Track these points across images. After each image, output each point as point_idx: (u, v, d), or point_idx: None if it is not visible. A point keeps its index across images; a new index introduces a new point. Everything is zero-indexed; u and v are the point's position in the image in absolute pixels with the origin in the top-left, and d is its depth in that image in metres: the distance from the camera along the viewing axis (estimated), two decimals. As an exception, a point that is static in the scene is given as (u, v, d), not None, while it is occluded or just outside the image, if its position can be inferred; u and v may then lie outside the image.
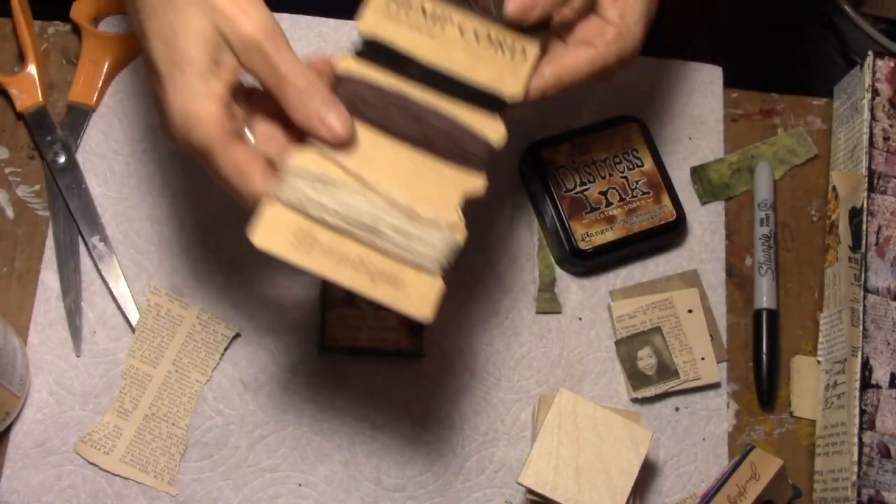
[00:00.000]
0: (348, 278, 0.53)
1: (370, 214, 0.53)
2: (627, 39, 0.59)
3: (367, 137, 0.55)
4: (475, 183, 0.56)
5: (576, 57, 0.58)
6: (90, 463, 0.65)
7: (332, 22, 0.75)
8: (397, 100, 0.55)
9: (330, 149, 0.53)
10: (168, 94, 0.52)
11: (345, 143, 0.55)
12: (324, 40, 0.75)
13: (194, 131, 0.52)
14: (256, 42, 0.52)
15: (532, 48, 0.58)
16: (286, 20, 0.74)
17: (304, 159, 0.53)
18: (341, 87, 0.55)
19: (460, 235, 0.55)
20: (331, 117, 0.54)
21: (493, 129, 0.56)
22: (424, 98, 0.56)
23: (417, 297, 0.53)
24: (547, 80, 0.58)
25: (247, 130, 0.55)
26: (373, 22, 0.56)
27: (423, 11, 0.57)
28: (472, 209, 0.73)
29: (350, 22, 0.75)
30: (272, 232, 0.52)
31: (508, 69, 0.57)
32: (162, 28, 0.52)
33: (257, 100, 0.55)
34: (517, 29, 0.57)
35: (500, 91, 0.57)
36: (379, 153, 0.55)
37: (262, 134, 0.55)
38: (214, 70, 0.52)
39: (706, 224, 0.74)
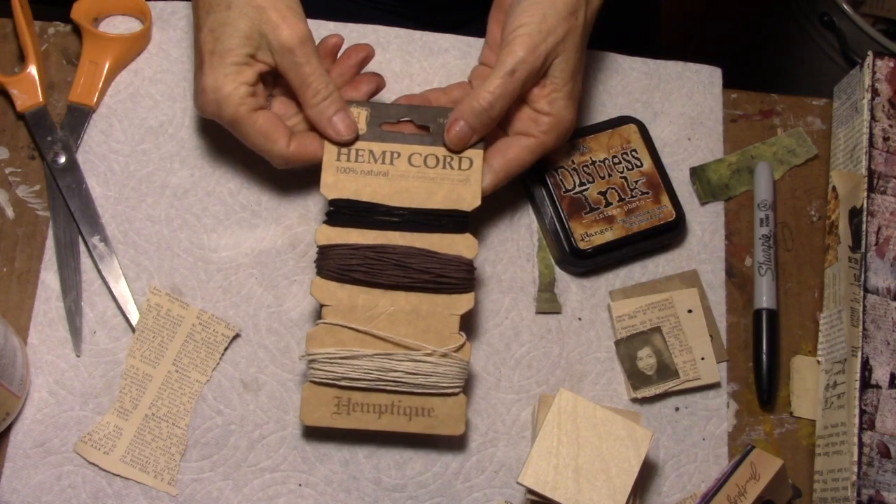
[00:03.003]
0: (388, 424, 0.63)
1: (389, 369, 0.62)
2: (562, 126, 0.65)
3: (364, 296, 0.63)
4: (466, 302, 0.63)
5: (519, 147, 0.65)
6: (90, 463, 0.65)
7: (331, 24, 0.75)
8: (374, 254, 0.63)
9: (337, 318, 0.62)
10: (205, 75, 0.63)
11: (347, 143, 0.65)
12: (324, 40, 0.75)
13: (225, 106, 0.63)
14: (290, 48, 0.63)
15: (476, 156, 0.65)
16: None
17: (320, 342, 0.62)
18: (325, 256, 0.63)
19: (466, 353, 0.63)
20: (338, 121, 0.65)
21: (465, 247, 0.64)
22: (400, 241, 0.63)
23: (449, 418, 0.63)
24: (497, 173, 0.65)
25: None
26: (332, 183, 0.64)
27: (372, 154, 0.65)
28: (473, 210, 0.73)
29: (350, 24, 0.75)
30: (315, 409, 0.62)
31: (461, 182, 0.65)
32: (213, 21, 0.63)
33: (281, 80, 0.66)
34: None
35: (460, 209, 0.64)
36: (378, 307, 0.63)
37: (278, 110, 0.67)
38: (249, 61, 0.63)
39: (706, 224, 0.74)
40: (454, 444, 0.68)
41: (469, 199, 0.64)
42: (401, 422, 0.62)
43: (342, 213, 0.64)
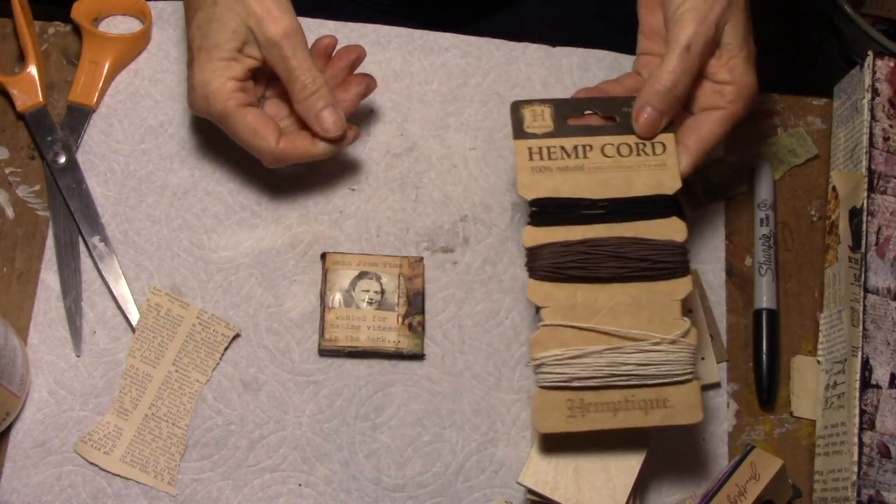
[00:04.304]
0: (624, 420, 0.60)
1: (620, 363, 0.60)
2: (746, 90, 0.64)
3: (581, 292, 0.61)
4: (684, 286, 0.61)
5: (710, 123, 0.63)
6: (90, 463, 0.65)
7: (331, 24, 0.75)
8: (586, 248, 0.61)
9: (557, 318, 0.60)
10: (195, 71, 0.63)
11: (335, 140, 0.66)
12: (324, 40, 0.75)
13: (213, 102, 0.63)
14: (276, 41, 0.62)
15: (668, 140, 0.63)
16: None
17: (545, 345, 0.60)
18: (536, 258, 0.61)
19: (693, 338, 0.61)
20: (326, 116, 0.65)
21: (675, 231, 0.62)
22: (608, 233, 0.61)
23: (685, 407, 0.60)
24: (694, 153, 0.63)
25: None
26: (529, 183, 0.62)
27: (564, 150, 0.63)
28: (473, 210, 0.73)
29: (350, 24, 0.75)
30: (550, 416, 0.60)
31: (658, 167, 0.63)
32: (200, 18, 0.63)
33: (275, 83, 0.67)
34: None
35: (663, 193, 0.62)
36: (598, 301, 0.61)
37: (270, 111, 0.68)
38: (237, 56, 0.63)
39: (706, 224, 0.74)
40: (454, 443, 0.68)
41: (669, 183, 0.62)
42: (637, 417, 0.60)
43: (545, 212, 0.62)
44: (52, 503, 0.64)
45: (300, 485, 0.66)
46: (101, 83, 0.71)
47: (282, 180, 0.71)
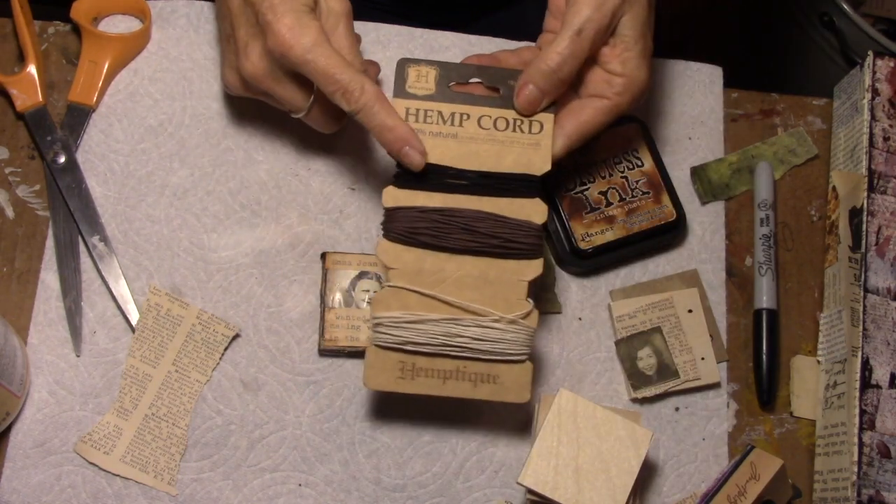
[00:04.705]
0: (452, 390, 0.61)
1: (455, 334, 0.60)
2: (635, 84, 0.63)
3: (431, 259, 0.61)
4: (534, 268, 0.62)
5: (592, 110, 0.63)
6: (90, 463, 0.65)
7: (332, 22, 0.75)
8: (442, 217, 0.61)
9: (402, 282, 0.61)
10: (281, 15, 0.60)
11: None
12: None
13: (307, 30, 0.60)
14: (341, 15, 0.64)
15: (547, 120, 0.63)
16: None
17: (386, 305, 0.60)
18: (392, 219, 0.61)
19: (534, 321, 0.61)
20: (372, 78, 0.66)
21: (535, 212, 0.62)
22: (468, 205, 0.62)
23: (515, 386, 0.61)
24: (570, 137, 0.63)
25: None
26: None
27: (441, 115, 0.63)
28: (472, 209, 0.73)
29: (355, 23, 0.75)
30: (380, 373, 0.61)
31: (531, 146, 0.63)
32: None
33: None
34: None
35: (530, 173, 0.62)
36: (445, 271, 0.61)
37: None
38: (311, 13, 0.62)
39: (706, 224, 0.74)
40: (454, 443, 0.68)
41: (539, 164, 0.62)
42: (465, 388, 0.61)
43: (410, 174, 0.62)
44: (52, 503, 0.64)
45: (300, 485, 0.66)
46: (100, 83, 0.71)
47: (282, 180, 0.71)
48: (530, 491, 0.62)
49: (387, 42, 0.76)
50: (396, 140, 0.62)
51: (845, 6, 1.14)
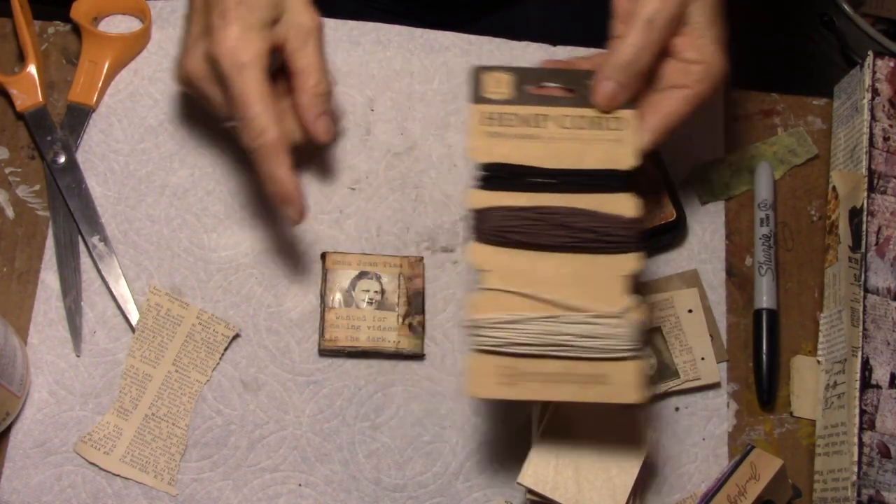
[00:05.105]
0: (559, 393, 0.57)
1: (557, 333, 0.57)
2: (714, 70, 0.62)
3: (525, 258, 0.59)
4: (632, 262, 0.59)
5: (674, 100, 0.62)
6: (90, 463, 0.65)
7: (332, 22, 0.75)
8: (534, 214, 0.59)
9: (497, 283, 0.58)
10: (230, 23, 0.60)
11: (323, 144, 0.67)
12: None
13: (249, 45, 0.60)
14: (311, 31, 0.63)
15: (628, 115, 0.61)
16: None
17: (483, 308, 0.57)
18: (481, 220, 0.59)
19: (638, 315, 0.58)
20: (325, 121, 0.66)
21: (626, 206, 0.60)
22: (556, 203, 0.59)
23: (624, 385, 0.57)
24: (656, 130, 0.62)
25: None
26: (480, 147, 0.60)
27: (519, 117, 0.61)
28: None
29: (350, 22, 0.75)
30: (481, 380, 0.57)
31: (615, 142, 0.61)
32: None
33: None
34: None
35: (617, 168, 0.60)
36: (541, 269, 0.59)
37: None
38: (268, 29, 0.61)
39: (706, 224, 0.74)
40: (454, 443, 0.68)
41: (625, 159, 0.60)
42: (573, 391, 0.57)
43: (495, 176, 0.60)
44: (52, 503, 0.64)
45: (300, 485, 0.66)
46: (100, 83, 0.71)
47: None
48: (530, 491, 0.62)
49: (387, 42, 0.76)
50: (279, 194, 0.62)
51: (845, 6, 1.14)
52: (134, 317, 0.67)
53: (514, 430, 0.68)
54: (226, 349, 0.68)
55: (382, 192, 0.72)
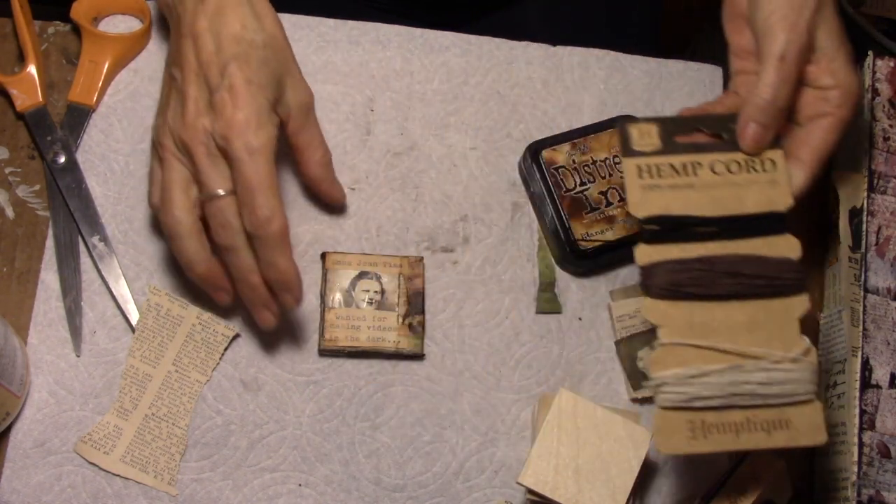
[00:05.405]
0: (747, 442, 0.58)
1: (741, 381, 0.58)
2: (851, 92, 0.62)
3: (700, 309, 0.59)
4: (801, 304, 0.60)
5: (820, 131, 0.62)
6: (90, 463, 0.65)
7: (331, 22, 0.75)
8: (703, 266, 0.60)
9: (675, 337, 0.59)
10: (244, 104, 0.58)
11: (339, 208, 0.70)
12: (324, 40, 0.75)
13: (261, 131, 0.58)
14: (311, 106, 0.65)
15: (777, 156, 0.62)
16: (286, 21, 0.74)
17: (665, 364, 0.58)
18: (650, 276, 0.60)
19: (814, 356, 0.59)
20: (339, 186, 0.69)
21: (789, 248, 0.61)
22: (722, 251, 0.61)
23: (809, 427, 0.59)
24: (810, 165, 0.62)
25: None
26: (640, 202, 0.61)
27: (673, 167, 0.62)
28: (473, 209, 0.73)
29: (350, 22, 0.75)
30: (671, 436, 0.58)
31: (770, 183, 0.62)
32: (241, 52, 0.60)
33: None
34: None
35: (776, 209, 0.61)
36: (716, 319, 0.59)
37: None
38: (273, 108, 0.61)
39: (706, 224, 0.74)
40: (454, 443, 0.68)
41: (780, 200, 0.61)
42: (760, 438, 0.58)
43: (659, 230, 0.61)
44: (52, 503, 0.64)
45: (300, 485, 0.66)
46: (100, 83, 0.71)
47: (281, 181, 0.71)
48: (530, 491, 0.62)
49: (387, 42, 0.76)
50: (280, 282, 0.61)
51: (845, 6, 1.14)
52: (134, 317, 0.67)
53: (514, 430, 0.68)
54: (226, 349, 0.68)
55: (382, 192, 0.72)
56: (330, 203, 0.70)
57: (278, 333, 0.68)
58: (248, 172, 0.58)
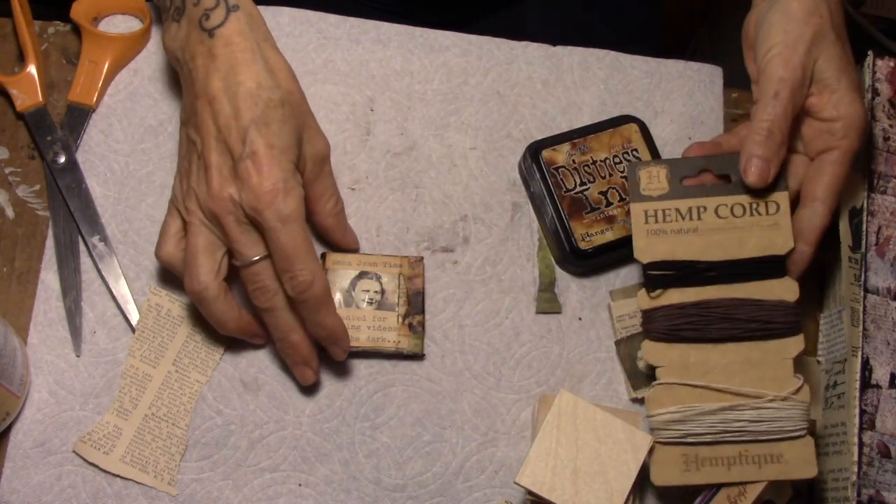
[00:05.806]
0: (739, 475, 0.62)
1: (733, 420, 0.62)
2: (854, 122, 0.64)
3: (695, 352, 0.63)
4: (796, 345, 0.63)
5: (829, 165, 0.64)
6: (90, 463, 0.65)
7: (332, 18, 0.75)
8: (699, 311, 0.63)
9: (672, 377, 0.63)
10: (267, 171, 0.57)
11: (354, 251, 0.69)
12: (324, 37, 0.75)
13: (289, 198, 0.58)
14: (327, 157, 0.64)
15: (782, 199, 0.64)
16: (286, 15, 0.75)
17: (662, 402, 0.63)
18: (650, 320, 0.64)
19: (806, 395, 0.62)
20: (353, 232, 0.69)
21: (787, 291, 0.63)
22: (719, 295, 0.64)
23: (800, 462, 0.62)
24: (825, 200, 0.64)
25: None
26: (645, 248, 0.64)
27: (679, 211, 0.64)
28: (473, 209, 0.73)
29: (350, 19, 0.75)
30: (665, 469, 0.63)
31: (772, 227, 0.64)
32: (263, 114, 0.59)
33: None
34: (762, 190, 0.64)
35: (776, 253, 0.63)
36: (712, 360, 0.63)
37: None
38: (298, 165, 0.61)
39: (706, 224, 0.74)
40: (454, 443, 0.68)
41: (781, 243, 0.64)
42: (751, 471, 0.62)
43: (660, 275, 0.64)
44: (52, 503, 0.64)
45: (300, 485, 0.66)
46: (100, 83, 0.71)
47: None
48: (529, 491, 0.62)
49: (387, 41, 0.76)
50: (329, 338, 0.63)
51: (845, 6, 1.14)
52: (134, 317, 0.67)
53: (514, 430, 0.68)
54: (226, 349, 0.68)
55: (382, 192, 0.72)
56: (343, 250, 0.69)
57: (278, 333, 0.68)
58: (282, 240, 0.58)
